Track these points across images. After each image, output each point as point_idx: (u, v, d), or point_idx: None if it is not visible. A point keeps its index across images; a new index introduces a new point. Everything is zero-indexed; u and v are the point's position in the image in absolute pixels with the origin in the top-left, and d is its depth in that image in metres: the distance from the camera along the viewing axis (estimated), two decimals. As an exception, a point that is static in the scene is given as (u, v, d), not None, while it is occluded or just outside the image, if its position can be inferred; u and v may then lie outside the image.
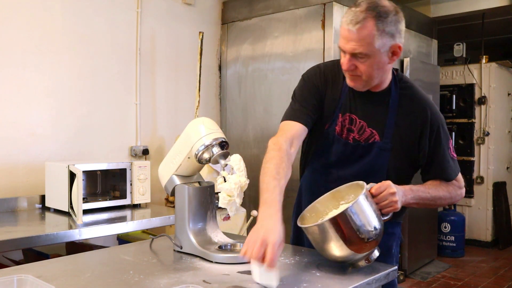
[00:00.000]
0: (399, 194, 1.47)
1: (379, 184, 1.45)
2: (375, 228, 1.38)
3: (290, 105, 1.75)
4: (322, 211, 1.53)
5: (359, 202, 1.37)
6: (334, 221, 1.34)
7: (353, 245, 1.36)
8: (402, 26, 1.56)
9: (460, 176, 1.72)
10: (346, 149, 1.69)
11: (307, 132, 1.69)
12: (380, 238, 1.41)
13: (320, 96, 1.72)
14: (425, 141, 1.65)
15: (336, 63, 1.73)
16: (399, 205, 1.46)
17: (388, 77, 1.67)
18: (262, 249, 1.24)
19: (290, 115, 1.70)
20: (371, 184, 1.46)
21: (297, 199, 1.89)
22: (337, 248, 1.37)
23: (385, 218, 1.45)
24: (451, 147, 1.69)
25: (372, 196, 1.43)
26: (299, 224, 1.45)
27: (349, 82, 1.65)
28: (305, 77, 1.78)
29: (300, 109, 1.69)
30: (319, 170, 1.77)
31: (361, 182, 1.47)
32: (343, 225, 1.34)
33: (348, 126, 1.69)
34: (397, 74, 1.71)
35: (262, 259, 1.24)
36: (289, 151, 1.56)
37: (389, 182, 1.46)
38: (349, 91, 1.70)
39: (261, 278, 1.29)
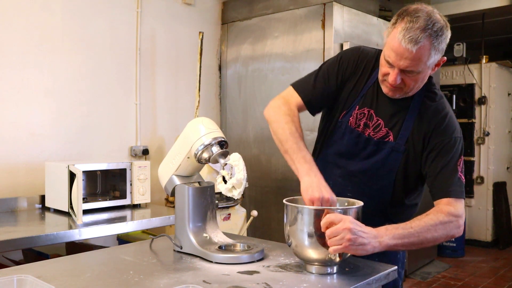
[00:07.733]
0: (360, 235, 1.30)
1: (336, 214, 1.32)
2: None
3: (310, 75, 1.75)
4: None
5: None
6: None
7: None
8: (449, 38, 1.50)
9: (459, 203, 1.52)
10: (358, 142, 1.66)
11: (322, 118, 1.78)
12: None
13: (342, 81, 1.70)
14: (429, 150, 1.57)
15: (374, 54, 1.67)
16: (352, 249, 1.30)
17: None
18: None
19: (302, 88, 1.72)
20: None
21: None
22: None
23: (331, 256, 1.34)
24: (458, 167, 1.55)
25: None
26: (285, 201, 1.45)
27: (387, 91, 1.60)
28: (340, 55, 1.74)
29: (312, 89, 1.71)
30: (330, 160, 1.74)
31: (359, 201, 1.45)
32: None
33: (366, 121, 1.65)
34: (428, 81, 1.64)
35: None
36: (297, 114, 1.67)
37: (347, 217, 1.31)
38: (373, 85, 1.66)
39: None
